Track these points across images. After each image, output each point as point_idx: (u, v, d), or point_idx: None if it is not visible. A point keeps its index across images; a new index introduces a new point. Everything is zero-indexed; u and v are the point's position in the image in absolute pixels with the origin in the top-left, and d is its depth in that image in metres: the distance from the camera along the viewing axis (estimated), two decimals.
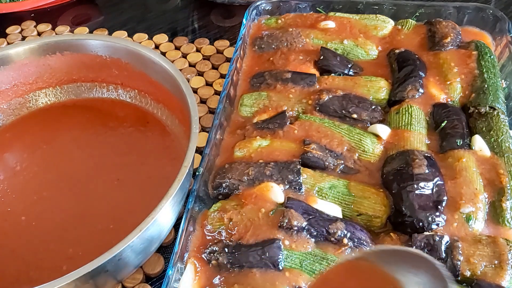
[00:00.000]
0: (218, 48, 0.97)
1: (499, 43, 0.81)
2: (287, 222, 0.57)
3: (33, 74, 0.79)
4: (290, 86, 0.75)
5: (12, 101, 0.80)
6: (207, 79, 0.92)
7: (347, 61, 0.79)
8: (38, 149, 0.77)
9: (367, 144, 0.68)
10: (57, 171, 0.74)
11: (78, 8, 1.12)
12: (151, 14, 1.09)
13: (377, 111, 0.72)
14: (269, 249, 0.56)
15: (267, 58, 0.82)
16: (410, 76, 0.73)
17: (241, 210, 0.60)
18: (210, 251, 0.58)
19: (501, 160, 0.65)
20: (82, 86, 0.82)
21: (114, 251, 0.51)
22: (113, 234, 0.64)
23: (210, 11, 1.08)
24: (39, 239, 0.66)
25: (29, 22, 1.08)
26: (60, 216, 0.68)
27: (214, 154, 0.69)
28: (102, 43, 0.76)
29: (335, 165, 0.66)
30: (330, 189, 0.63)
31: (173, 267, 0.56)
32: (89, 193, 0.71)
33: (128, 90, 0.81)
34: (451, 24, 0.81)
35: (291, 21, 0.88)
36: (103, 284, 0.57)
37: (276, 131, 0.69)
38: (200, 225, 0.61)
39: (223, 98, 0.73)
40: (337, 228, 0.58)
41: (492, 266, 0.56)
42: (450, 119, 0.69)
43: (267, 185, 0.62)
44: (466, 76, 0.74)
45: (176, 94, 0.69)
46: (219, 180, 0.65)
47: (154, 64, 0.72)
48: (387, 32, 0.84)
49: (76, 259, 0.63)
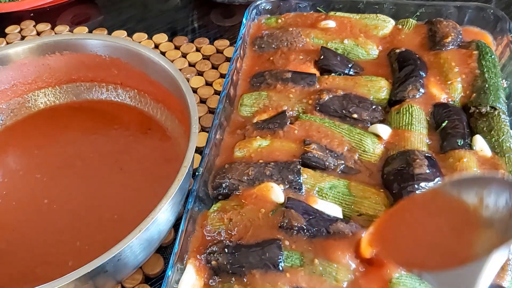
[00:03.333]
0: (218, 48, 0.97)
1: (500, 42, 0.81)
2: (287, 223, 0.57)
3: (32, 74, 0.79)
4: (290, 86, 0.75)
5: (11, 101, 0.80)
6: (207, 78, 0.92)
7: (347, 60, 0.79)
8: (38, 149, 0.77)
9: (367, 144, 0.67)
10: (58, 170, 0.74)
11: (77, 8, 1.11)
12: (151, 13, 1.09)
13: (378, 111, 0.72)
14: (269, 250, 0.56)
15: (267, 57, 0.82)
16: (410, 76, 0.73)
17: (241, 211, 0.60)
18: (210, 251, 0.57)
19: (502, 160, 0.65)
20: (81, 86, 0.82)
21: (114, 252, 0.51)
22: (113, 234, 0.64)
23: (210, 10, 1.08)
24: (46, 236, 0.66)
25: (28, 22, 1.07)
26: (61, 216, 0.68)
27: (214, 154, 0.69)
28: (101, 43, 0.76)
29: (336, 165, 0.66)
30: (331, 189, 0.63)
31: (173, 268, 0.55)
32: (89, 193, 0.70)
33: (128, 90, 0.81)
34: (452, 23, 0.81)
35: (291, 20, 0.88)
36: (103, 285, 0.57)
37: (276, 131, 0.69)
38: (200, 225, 0.61)
39: (223, 98, 0.73)
40: (337, 228, 0.58)
41: None
42: (451, 119, 0.69)
43: (267, 185, 0.62)
44: (467, 76, 0.74)
45: (176, 94, 0.69)
46: (219, 180, 0.64)
47: (154, 63, 0.72)
48: (387, 31, 0.84)
49: (83, 253, 0.63)
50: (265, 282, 0.54)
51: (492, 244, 0.41)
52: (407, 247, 0.48)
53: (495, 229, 0.43)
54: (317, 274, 0.55)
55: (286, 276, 0.55)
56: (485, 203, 0.44)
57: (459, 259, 0.42)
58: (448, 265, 0.43)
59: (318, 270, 0.55)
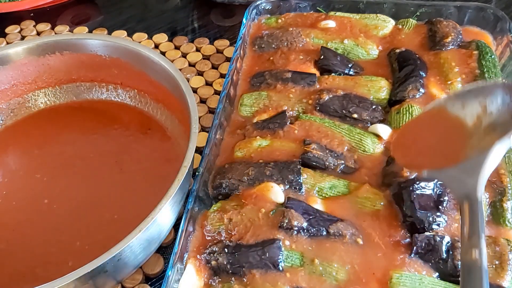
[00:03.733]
0: (218, 48, 0.97)
1: (500, 42, 0.81)
2: (287, 222, 0.57)
3: (32, 74, 0.79)
4: (290, 86, 0.75)
5: (11, 101, 0.80)
6: (207, 78, 0.92)
7: (347, 60, 0.79)
8: (38, 149, 0.77)
9: (367, 144, 0.67)
10: (58, 170, 0.74)
11: (77, 8, 1.11)
12: (151, 13, 1.09)
13: (378, 111, 0.72)
14: (269, 250, 0.56)
15: (267, 57, 0.82)
16: (410, 76, 0.73)
17: (241, 210, 0.60)
18: (210, 251, 0.57)
19: (502, 160, 0.65)
20: (81, 86, 0.82)
21: (114, 252, 0.51)
22: (113, 234, 0.64)
23: (209, 10, 1.08)
24: (46, 236, 0.66)
25: (28, 22, 1.07)
26: (61, 216, 0.68)
27: (214, 154, 0.69)
28: (101, 43, 0.76)
29: (336, 165, 0.66)
30: (331, 189, 0.63)
31: (173, 268, 0.55)
32: (89, 193, 0.70)
33: (128, 90, 0.81)
34: (452, 23, 0.81)
35: (291, 20, 0.88)
36: (103, 285, 0.57)
37: (276, 131, 0.69)
38: (200, 225, 0.61)
39: (223, 98, 0.73)
40: (337, 228, 0.58)
41: (493, 267, 0.56)
42: None
43: (267, 185, 0.62)
44: (467, 76, 0.74)
45: (176, 93, 0.69)
46: (219, 180, 0.64)
47: (154, 63, 0.72)
48: (387, 31, 0.84)
49: (83, 253, 0.63)
50: (265, 282, 0.54)
51: (492, 141, 0.49)
52: (418, 153, 0.57)
53: (498, 129, 0.50)
54: (317, 274, 0.55)
55: (286, 276, 0.55)
56: (489, 110, 0.51)
57: (454, 158, 0.52)
58: (448, 162, 0.53)
59: (318, 270, 0.55)
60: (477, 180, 0.49)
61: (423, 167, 0.56)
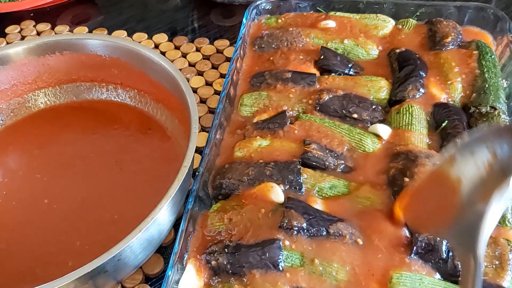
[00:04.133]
0: (218, 48, 0.97)
1: (500, 42, 0.81)
2: (287, 222, 0.57)
3: (32, 74, 0.79)
4: (290, 86, 0.75)
5: (11, 101, 0.80)
6: (207, 78, 0.92)
7: (347, 60, 0.79)
8: (38, 149, 0.77)
9: (367, 144, 0.67)
10: (58, 170, 0.74)
11: (77, 8, 1.11)
12: (151, 13, 1.09)
13: (378, 111, 0.72)
14: (269, 250, 0.56)
15: (267, 57, 0.81)
16: (410, 76, 0.73)
17: (241, 210, 0.60)
18: (210, 251, 0.57)
19: None
20: (81, 86, 0.82)
21: (114, 252, 0.51)
22: (113, 234, 0.64)
23: (209, 10, 1.08)
24: (46, 236, 0.66)
25: (28, 22, 1.07)
26: (61, 216, 0.68)
27: (214, 154, 0.69)
28: (101, 43, 0.76)
29: (336, 165, 0.66)
30: (331, 189, 0.63)
31: (173, 268, 0.55)
32: (89, 193, 0.70)
33: (128, 90, 0.81)
34: (452, 23, 0.81)
35: (291, 20, 0.88)
36: (103, 285, 0.57)
37: (276, 131, 0.69)
38: (200, 225, 0.61)
39: (223, 98, 0.73)
40: (337, 228, 0.58)
41: (493, 267, 0.56)
42: (451, 119, 0.69)
43: (267, 185, 0.62)
44: (467, 76, 0.74)
45: (176, 93, 0.69)
46: (219, 180, 0.64)
47: (154, 63, 0.72)
48: (387, 31, 0.84)
49: (83, 253, 0.63)
50: (265, 282, 0.54)
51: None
52: (424, 216, 0.57)
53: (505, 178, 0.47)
54: (317, 274, 0.55)
55: (286, 276, 0.55)
56: (498, 155, 0.48)
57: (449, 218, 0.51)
58: (446, 223, 0.51)
59: (318, 270, 0.55)
60: (476, 239, 0.47)
61: (428, 231, 0.56)
